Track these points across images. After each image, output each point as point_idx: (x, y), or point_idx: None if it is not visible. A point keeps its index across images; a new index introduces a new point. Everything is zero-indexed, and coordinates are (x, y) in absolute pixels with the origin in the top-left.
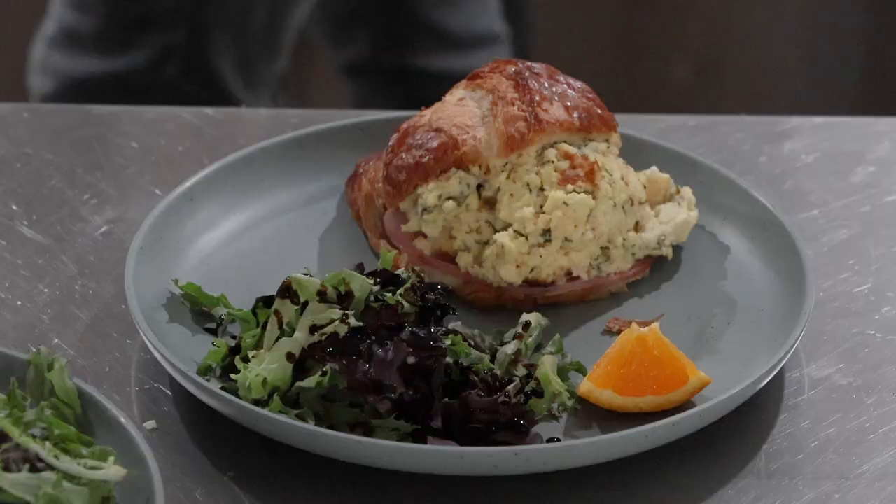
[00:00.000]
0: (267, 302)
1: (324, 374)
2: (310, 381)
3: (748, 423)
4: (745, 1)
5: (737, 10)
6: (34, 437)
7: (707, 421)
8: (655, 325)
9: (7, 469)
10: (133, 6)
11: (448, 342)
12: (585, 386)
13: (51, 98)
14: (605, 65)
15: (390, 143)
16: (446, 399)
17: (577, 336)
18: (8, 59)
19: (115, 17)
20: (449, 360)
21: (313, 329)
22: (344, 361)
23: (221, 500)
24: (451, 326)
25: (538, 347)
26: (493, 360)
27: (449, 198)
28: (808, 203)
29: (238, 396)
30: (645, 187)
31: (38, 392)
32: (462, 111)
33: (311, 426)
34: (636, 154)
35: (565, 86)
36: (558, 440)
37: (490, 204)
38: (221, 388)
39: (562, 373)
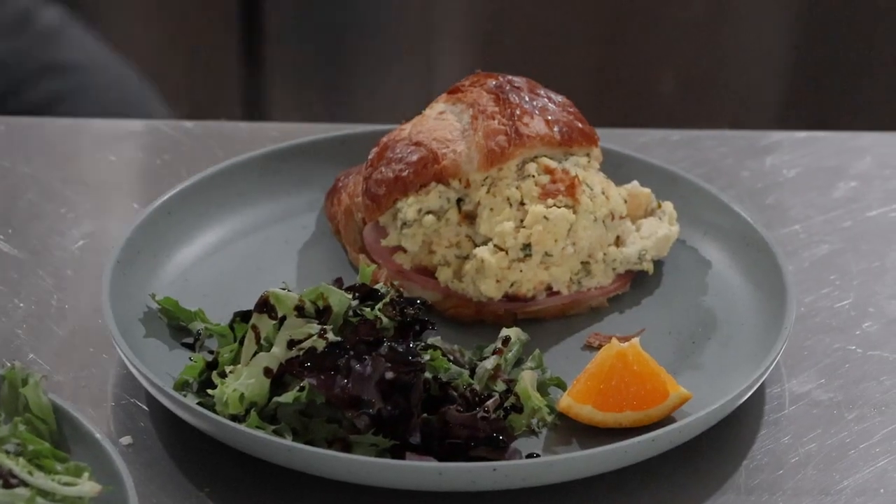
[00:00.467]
0: (244, 317)
1: (301, 389)
2: (287, 397)
3: (729, 438)
4: (729, 16)
5: (721, 25)
6: (8, 453)
7: (687, 436)
8: (636, 341)
9: None
10: None
11: (427, 357)
12: (565, 401)
13: None
14: (586, 78)
15: (370, 157)
16: (425, 414)
17: (557, 351)
18: None
19: None
20: (428, 375)
21: (291, 344)
22: (322, 376)
23: None
24: (430, 341)
25: (518, 362)
26: (472, 375)
27: (429, 212)
28: (790, 218)
29: (215, 412)
30: (626, 202)
31: (13, 407)
32: (442, 125)
33: (288, 442)
34: (617, 168)
35: (546, 100)
36: (538, 456)
37: (470, 218)
38: (198, 404)
39: (541, 388)
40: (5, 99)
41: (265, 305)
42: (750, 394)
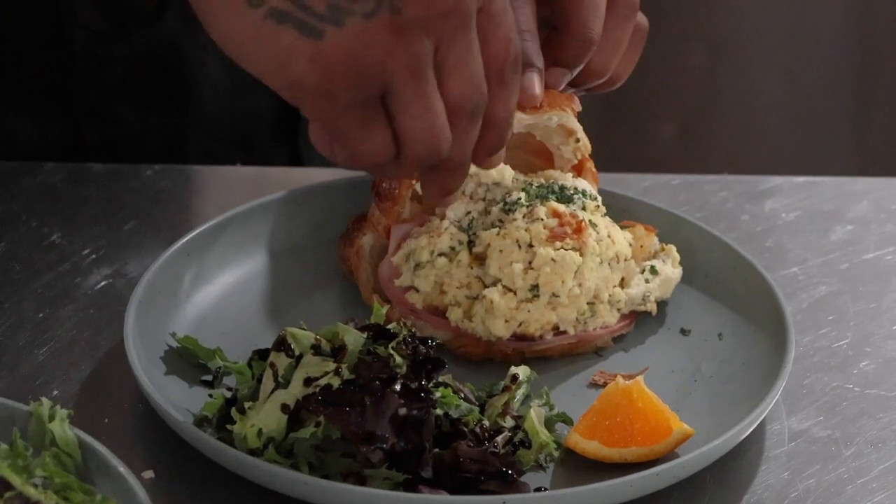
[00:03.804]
0: (262, 355)
1: (317, 424)
2: (304, 432)
3: (730, 473)
4: (729, 61)
5: (721, 71)
6: (36, 486)
7: (690, 471)
8: (640, 378)
9: None
10: None
11: (438, 394)
12: (572, 437)
13: None
14: (589, 124)
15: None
16: (437, 449)
17: (564, 389)
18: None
19: None
20: (439, 411)
21: (307, 381)
22: (337, 413)
23: None
24: (441, 379)
25: (526, 399)
26: (482, 411)
27: (441, 254)
28: (789, 260)
29: (234, 447)
30: (630, 245)
31: (40, 442)
32: None
33: (305, 476)
34: (621, 212)
35: None
36: (545, 489)
37: (480, 260)
38: (218, 439)
39: (549, 424)
40: None
41: (282, 344)
42: (750, 430)
